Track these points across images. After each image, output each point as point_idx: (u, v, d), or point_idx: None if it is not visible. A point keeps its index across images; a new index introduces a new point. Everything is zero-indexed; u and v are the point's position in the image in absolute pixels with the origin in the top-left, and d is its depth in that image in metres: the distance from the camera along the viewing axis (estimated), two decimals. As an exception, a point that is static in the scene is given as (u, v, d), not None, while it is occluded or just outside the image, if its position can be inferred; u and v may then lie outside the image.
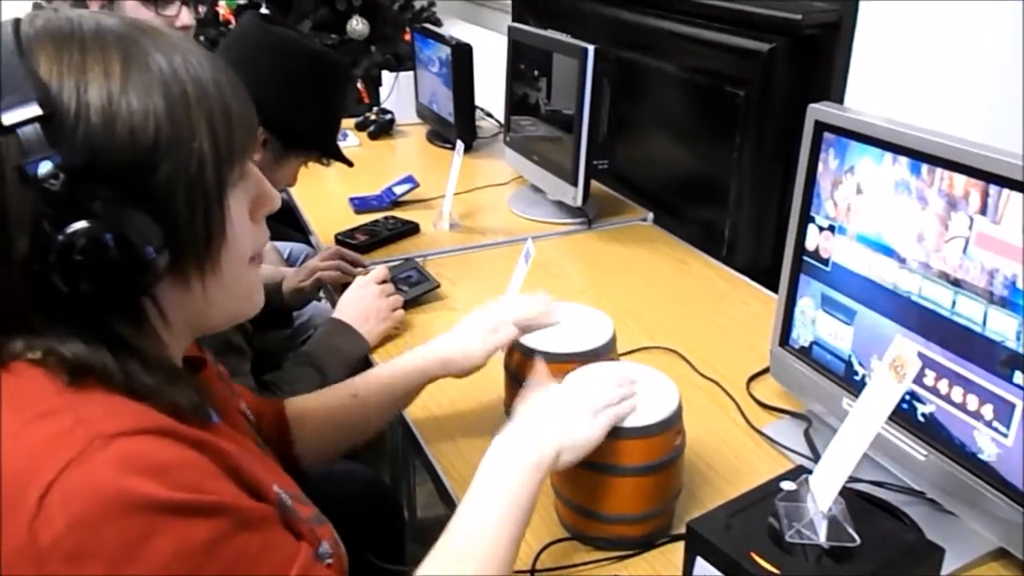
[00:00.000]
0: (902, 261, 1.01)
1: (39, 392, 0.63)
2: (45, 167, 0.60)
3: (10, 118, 0.60)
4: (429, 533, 1.11)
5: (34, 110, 0.60)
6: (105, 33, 0.65)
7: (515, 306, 1.19)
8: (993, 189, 0.88)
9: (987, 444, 0.93)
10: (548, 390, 0.97)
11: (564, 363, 1.09)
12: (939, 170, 0.94)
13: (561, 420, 0.92)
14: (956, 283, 0.94)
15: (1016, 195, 0.86)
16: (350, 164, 1.55)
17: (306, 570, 0.68)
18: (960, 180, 0.92)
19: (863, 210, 1.05)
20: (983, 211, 0.90)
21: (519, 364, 1.17)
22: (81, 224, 0.61)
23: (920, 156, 0.96)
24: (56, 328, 0.64)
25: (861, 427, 0.82)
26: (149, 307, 0.68)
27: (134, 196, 0.63)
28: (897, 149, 0.99)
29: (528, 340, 1.16)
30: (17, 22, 0.65)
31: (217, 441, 0.67)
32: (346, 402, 1.13)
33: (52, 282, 0.62)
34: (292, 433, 1.09)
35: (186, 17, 1.81)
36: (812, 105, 1.11)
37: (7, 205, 0.61)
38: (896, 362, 0.79)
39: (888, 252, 1.02)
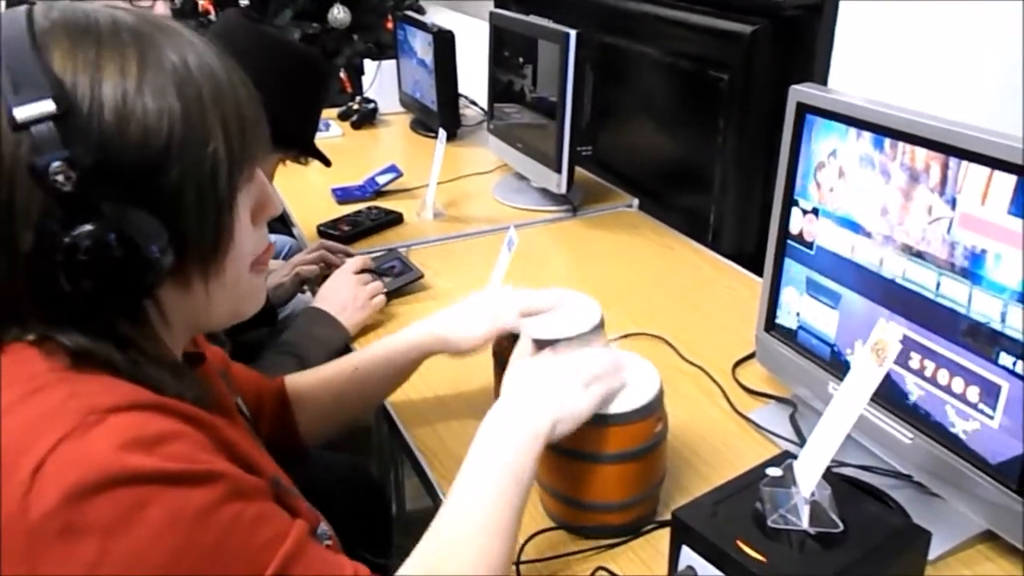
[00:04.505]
0: (885, 243, 1.00)
1: (35, 369, 0.62)
2: (56, 165, 0.58)
3: (23, 113, 0.59)
4: (418, 526, 1.10)
5: (48, 106, 0.59)
6: (121, 29, 0.64)
7: (523, 298, 1.16)
8: (986, 171, 0.87)
9: (973, 426, 0.92)
10: (536, 362, 0.96)
11: (554, 349, 1.08)
12: (924, 151, 0.93)
13: (553, 391, 0.90)
14: (939, 264, 0.93)
15: (1008, 177, 0.85)
16: (328, 163, 1.53)
17: (302, 544, 0.66)
18: (950, 161, 0.91)
19: (846, 192, 1.04)
20: (971, 192, 0.89)
21: (508, 350, 1.16)
22: (88, 226, 0.60)
23: (905, 137, 0.95)
24: (57, 323, 0.63)
25: (844, 411, 0.81)
26: (150, 307, 0.68)
27: (143, 197, 0.62)
28: (881, 130, 0.98)
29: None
30: (30, 11, 0.63)
31: (213, 420, 0.67)
32: (346, 376, 1.14)
33: (56, 279, 0.61)
34: (295, 410, 1.10)
35: (161, 7, 1.78)
36: (794, 87, 1.10)
37: (15, 200, 0.60)
38: (877, 345, 0.78)
39: (871, 235, 1.01)
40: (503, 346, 1.18)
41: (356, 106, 2.73)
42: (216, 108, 0.65)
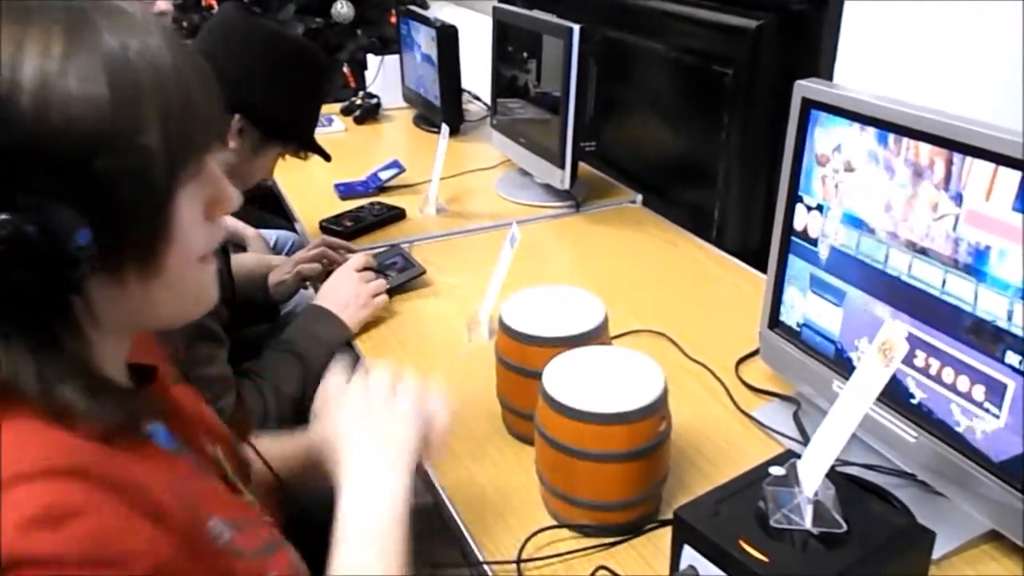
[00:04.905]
0: (889, 240, 0.99)
1: None
2: None
3: None
4: (418, 521, 1.09)
5: None
6: (55, 8, 0.59)
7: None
8: (991, 167, 0.86)
9: (978, 425, 0.92)
10: (345, 407, 0.89)
11: (557, 346, 1.07)
12: (929, 146, 0.92)
13: (389, 442, 0.85)
14: (944, 261, 0.92)
15: (1012, 173, 0.84)
16: (328, 158, 1.53)
17: None
18: (954, 157, 0.90)
19: (851, 189, 1.03)
20: (976, 188, 0.88)
21: (510, 349, 1.15)
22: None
23: (910, 133, 0.94)
24: None
25: (848, 411, 0.80)
26: (78, 305, 0.61)
27: (68, 187, 0.57)
28: (886, 126, 0.97)
29: (519, 323, 1.14)
30: None
31: (137, 475, 0.61)
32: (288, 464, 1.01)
33: None
34: None
35: (162, 2, 1.78)
36: (799, 82, 1.09)
37: None
38: (884, 345, 0.77)
39: (875, 231, 1.01)
40: (504, 343, 1.17)
41: (359, 101, 2.72)
42: (155, 98, 0.60)
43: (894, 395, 1.01)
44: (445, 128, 2.03)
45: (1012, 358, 0.87)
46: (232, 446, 0.85)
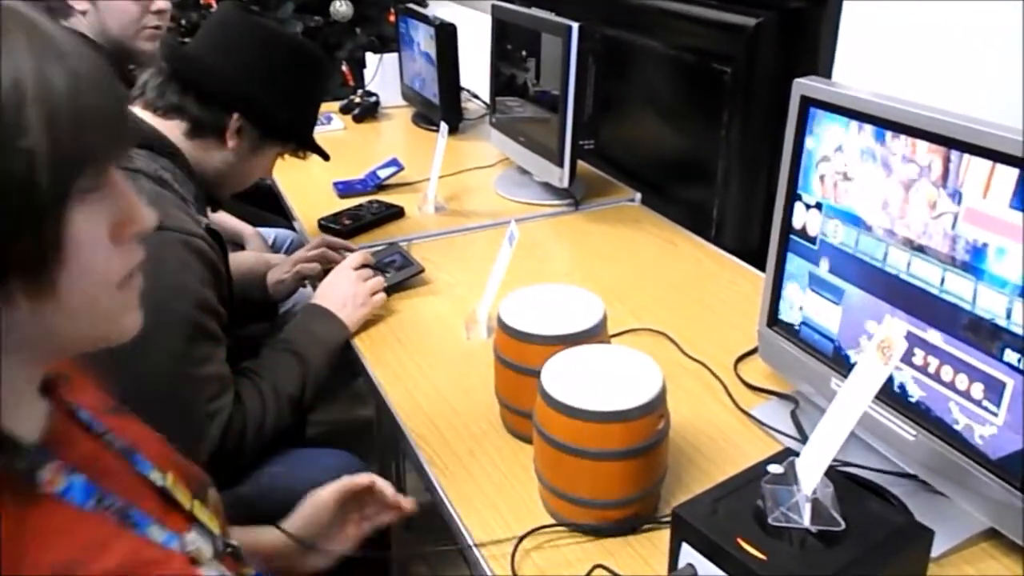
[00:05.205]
0: (887, 238, 0.99)
1: None
2: None
3: None
4: (418, 519, 1.09)
5: None
6: None
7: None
8: (989, 164, 0.86)
9: (977, 423, 0.92)
10: None
11: (555, 345, 1.07)
12: (926, 144, 0.92)
13: None
14: (941, 259, 0.92)
15: (1009, 170, 0.84)
16: (326, 157, 1.52)
17: None
18: (951, 154, 0.90)
19: (849, 186, 1.03)
20: (973, 186, 0.88)
21: (508, 347, 1.15)
22: None
23: (908, 130, 0.94)
24: None
25: (847, 409, 0.80)
26: None
27: None
28: (884, 123, 0.97)
29: (517, 322, 1.13)
30: None
31: (27, 564, 0.55)
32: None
33: None
34: None
35: (162, 1, 1.78)
36: (798, 80, 1.09)
37: None
38: (884, 343, 0.77)
39: (872, 229, 1.01)
40: (503, 342, 1.17)
41: (358, 99, 2.71)
42: (40, 103, 0.56)
43: (892, 393, 1.01)
44: (444, 126, 2.03)
45: (1011, 356, 0.86)
46: (186, 469, 0.80)
